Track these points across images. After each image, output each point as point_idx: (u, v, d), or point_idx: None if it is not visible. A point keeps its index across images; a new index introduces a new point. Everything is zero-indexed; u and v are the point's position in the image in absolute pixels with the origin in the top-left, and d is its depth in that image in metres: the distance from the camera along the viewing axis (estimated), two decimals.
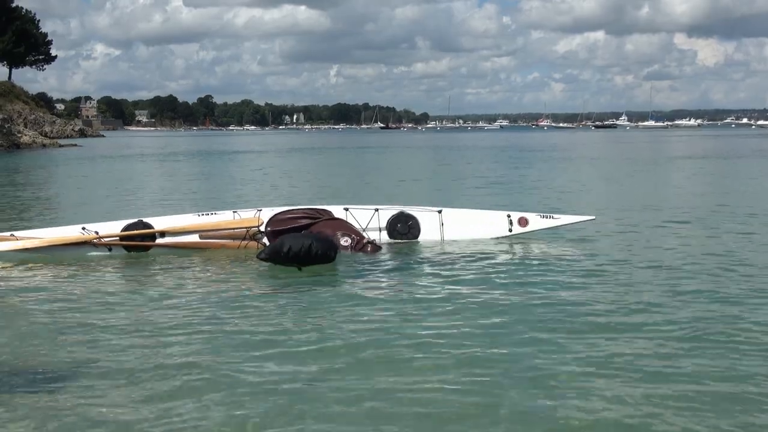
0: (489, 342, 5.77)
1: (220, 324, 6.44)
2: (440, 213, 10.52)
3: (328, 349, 5.68)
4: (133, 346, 5.84)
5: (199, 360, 5.45)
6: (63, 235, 9.96)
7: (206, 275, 8.69)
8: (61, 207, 17.51)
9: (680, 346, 5.64)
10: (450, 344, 5.74)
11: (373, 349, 5.65)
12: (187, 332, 6.21)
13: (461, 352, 5.53)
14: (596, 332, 6.01)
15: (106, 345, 5.87)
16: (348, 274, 8.57)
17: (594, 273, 8.30)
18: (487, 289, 7.59)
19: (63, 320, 6.69)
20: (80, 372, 5.23)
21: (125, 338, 6.06)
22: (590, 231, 10.91)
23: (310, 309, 7.00)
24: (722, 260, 9.00)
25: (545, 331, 6.06)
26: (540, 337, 5.88)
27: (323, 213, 10.24)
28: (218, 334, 6.12)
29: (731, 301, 7.01)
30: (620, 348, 5.60)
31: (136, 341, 5.97)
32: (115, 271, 9.07)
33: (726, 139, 76.73)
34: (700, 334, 5.93)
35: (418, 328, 6.20)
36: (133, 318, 6.73)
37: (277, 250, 8.75)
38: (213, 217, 10.26)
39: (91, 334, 6.20)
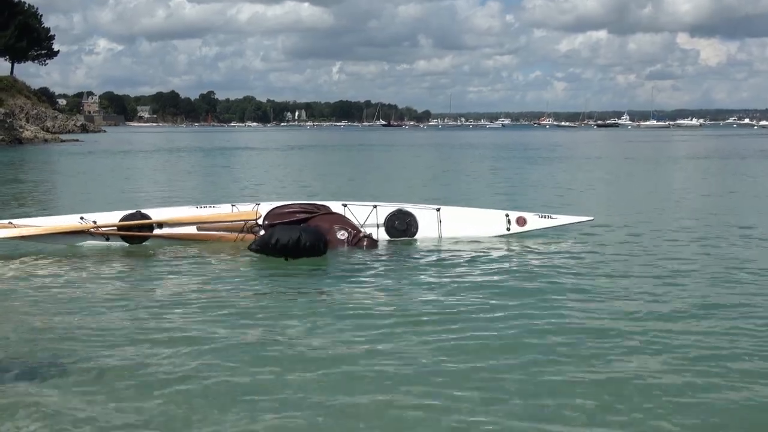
0: (483, 341, 5.76)
1: (215, 317, 6.47)
2: (438, 211, 10.53)
3: (322, 344, 5.70)
4: (127, 335, 5.90)
5: (194, 353, 5.47)
6: (61, 223, 10.00)
7: (202, 267, 8.73)
8: (59, 198, 17.70)
9: (678, 347, 5.61)
10: (444, 341, 5.74)
11: (366, 344, 5.67)
12: (181, 324, 6.24)
13: (455, 350, 5.53)
14: (592, 333, 5.99)
15: (99, 336, 5.91)
16: (344, 270, 8.60)
17: (591, 274, 8.28)
18: (483, 288, 7.59)
19: (58, 309, 6.75)
20: (75, 362, 5.26)
21: (119, 328, 6.11)
22: (589, 231, 10.91)
23: (303, 303, 7.02)
24: (722, 261, 9.00)
25: (540, 331, 6.05)
26: (535, 337, 5.88)
27: (321, 208, 10.28)
28: (213, 327, 6.14)
29: (732, 302, 6.99)
30: (617, 349, 5.57)
31: (130, 331, 6.03)
32: (112, 262, 9.11)
33: (727, 139, 76.61)
34: (701, 333, 5.93)
35: (412, 325, 6.20)
36: (127, 308, 6.79)
37: (266, 242, 8.89)
38: (211, 209, 10.31)
39: (85, 324, 6.25)
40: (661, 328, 6.10)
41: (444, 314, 6.57)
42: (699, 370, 5.10)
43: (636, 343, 5.72)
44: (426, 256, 9.40)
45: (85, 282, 8.09)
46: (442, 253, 9.54)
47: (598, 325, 6.22)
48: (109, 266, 8.96)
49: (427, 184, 22.41)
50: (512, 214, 10.57)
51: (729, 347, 5.62)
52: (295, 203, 10.49)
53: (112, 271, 8.74)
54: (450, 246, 9.91)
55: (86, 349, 5.63)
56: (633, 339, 5.81)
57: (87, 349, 5.62)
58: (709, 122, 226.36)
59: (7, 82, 79.92)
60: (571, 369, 5.13)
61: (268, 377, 4.99)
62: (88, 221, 9.99)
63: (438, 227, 10.45)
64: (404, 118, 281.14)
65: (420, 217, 10.45)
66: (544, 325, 6.20)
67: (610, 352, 5.49)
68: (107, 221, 10.04)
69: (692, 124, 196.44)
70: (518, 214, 10.55)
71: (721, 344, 5.71)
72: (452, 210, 10.66)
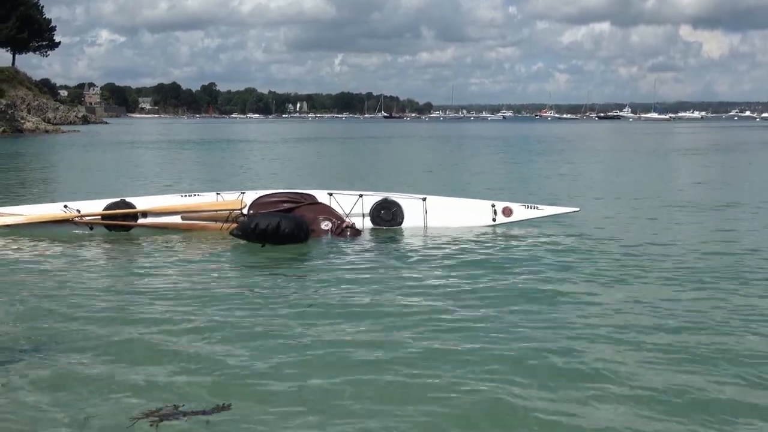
0: (464, 331, 5.77)
1: (197, 304, 6.55)
2: (424, 201, 10.55)
3: (304, 331, 5.76)
4: (108, 321, 6.00)
5: (176, 338, 5.58)
6: (45, 212, 10.06)
7: (186, 256, 8.79)
8: (51, 187, 17.74)
9: (663, 336, 5.66)
10: (424, 329, 5.80)
11: (348, 332, 5.75)
12: (163, 312, 6.32)
13: (435, 338, 5.58)
14: (575, 322, 6.04)
15: (83, 323, 5.98)
16: (325, 258, 8.70)
17: (576, 265, 8.26)
18: (466, 277, 7.62)
19: (41, 296, 6.80)
20: (57, 349, 5.34)
21: (101, 316, 6.19)
22: (575, 222, 10.90)
23: (287, 291, 7.11)
24: (713, 248, 9.18)
25: (523, 320, 6.07)
26: (518, 326, 5.90)
27: (307, 197, 10.33)
28: (194, 314, 6.24)
29: (723, 291, 7.05)
30: (602, 338, 5.62)
31: (112, 318, 6.11)
32: (93, 249, 9.17)
33: (728, 131, 76.61)
34: (687, 325, 5.94)
35: (392, 314, 6.24)
36: (110, 296, 6.88)
37: (246, 227, 9.10)
38: (196, 198, 10.33)
39: (68, 312, 6.30)
40: (647, 318, 6.13)
41: (424, 302, 6.62)
42: (678, 359, 5.14)
43: (619, 333, 5.72)
44: (410, 245, 9.46)
45: (67, 269, 8.11)
46: (427, 242, 9.61)
47: (580, 313, 6.27)
48: (90, 253, 9.01)
49: (425, 175, 22.37)
50: (498, 204, 10.58)
51: (723, 340, 5.60)
52: (280, 192, 10.53)
53: (93, 257, 8.79)
54: (435, 235, 9.95)
55: (65, 327, 5.78)
56: (616, 329, 5.83)
57: (66, 328, 5.77)
58: (711, 115, 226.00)
59: (8, 73, 79.89)
60: (554, 358, 5.17)
61: (248, 361, 5.07)
62: (72, 210, 10.03)
63: (424, 217, 10.49)
64: (406, 110, 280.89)
65: (406, 207, 10.48)
66: (526, 315, 6.22)
67: (592, 342, 5.53)
68: (91, 210, 10.08)
69: (693, 117, 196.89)
70: (504, 205, 10.56)
71: (699, 331, 5.77)
72: (438, 200, 10.68)
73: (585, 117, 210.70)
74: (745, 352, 5.31)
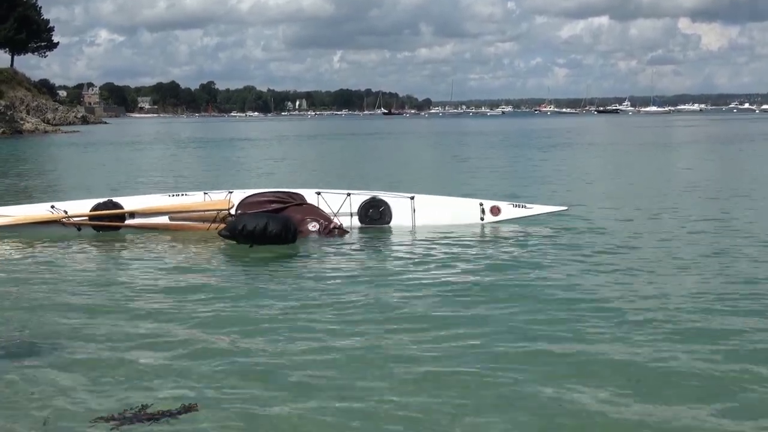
0: (451, 329, 5.81)
1: (178, 306, 6.60)
2: (412, 199, 10.55)
3: (293, 329, 5.81)
4: (97, 324, 6.02)
5: (166, 339, 5.63)
6: (32, 213, 10.04)
7: (172, 257, 8.82)
8: (44, 187, 17.77)
9: (652, 332, 5.68)
10: (413, 329, 5.83)
11: (336, 332, 5.77)
12: (151, 312, 6.36)
13: (424, 338, 5.61)
14: (559, 317, 6.10)
15: (70, 323, 6.03)
16: (315, 258, 8.80)
17: (562, 262, 8.26)
18: (453, 276, 7.68)
19: (28, 297, 6.84)
20: (43, 349, 5.36)
21: (89, 317, 6.23)
22: (562, 220, 10.82)
23: (276, 290, 7.15)
24: (703, 244, 9.25)
25: (509, 318, 6.12)
26: (503, 325, 5.94)
27: (294, 197, 10.34)
28: (183, 314, 6.30)
29: (716, 281, 7.19)
30: (588, 334, 5.66)
31: (100, 320, 6.15)
32: (82, 252, 9.15)
33: (726, 124, 76.63)
34: (677, 321, 5.96)
35: (380, 312, 6.29)
36: (97, 297, 6.92)
37: (234, 228, 9.15)
38: (184, 198, 10.30)
39: (55, 312, 6.36)
40: (637, 313, 6.20)
41: (411, 301, 6.65)
42: (680, 356, 5.17)
43: (611, 328, 5.79)
44: (398, 244, 9.50)
45: (52, 270, 8.12)
46: (415, 241, 9.65)
47: (564, 311, 6.32)
48: (77, 253, 9.03)
49: (421, 172, 22.34)
50: (486, 203, 10.59)
51: (710, 336, 5.63)
52: (268, 191, 10.52)
53: (80, 257, 8.80)
54: (423, 234, 9.97)
55: (52, 328, 5.86)
56: (608, 324, 5.88)
57: (53, 328, 5.85)
58: (711, 107, 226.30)
59: (7, 74, 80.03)
60: (540, 355, 5.23)
61: (223, 362, 5.08)
62: (59, 210, 10.00)
63: (412, 216, 10.50)
64: (405, 106, 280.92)
65: (394, 206, 10.49)
66: (512, 313, 6.27)
67: (579, 336, 5.59)
68: (78, 210, 10.05)
69: (692, 110, 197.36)
70: (492, 203, 10.57)
71: (683, 323, 5.87)
72: (426, 198, 10.68)
73: (585, 111, 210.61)
74: (754, 354, 5.30)
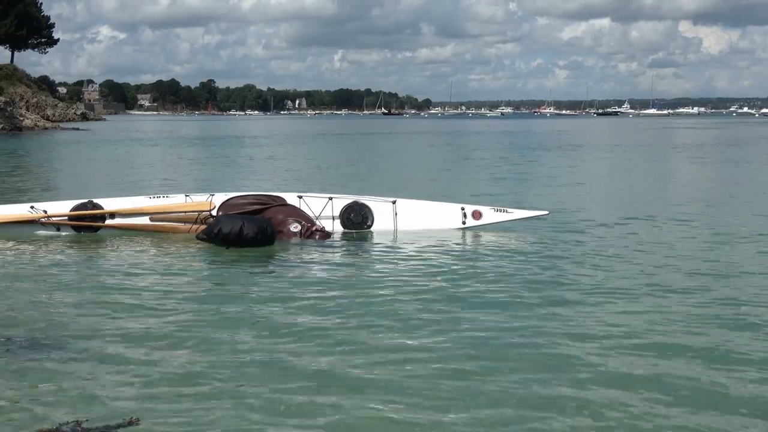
0: (433, 334, 5.86)
1: (164, 305, 6.65)
2: (394, 204, 10.64)
3: (273, 332, 5.84)
4: (59, 328, 5.99)
5: (143, 341, 5.65)
6: (11, 212, 10.02)
7: (151, 258, 8.83)
8: (27, 187, 17.61)
9: (636, 340, 5.72)
10: (392, 331, 5.90)
11: (315, 336, 5.79)
12: (129, 313, 6.40)
13: (405, 340, 5.68)
14: (539, 321, 6.19)
15: (34, 326, 6.01)
16: (297, 261, 8.79)
17: (540, 266, 8.32)
18: (434, 281, 7.72)
19: (7, 299, 6.83)
20: (24, 350, 5.39)
21: (68, 318, 6.25)
22: (542, 224, 10.88)
23: (253, 293, 7.17)
24: (659, 246, 9.42)
25: (488, 323, 6.18)
26: (483, 329, 6.00)
27: (276, 199, 10.39)
28: (162, 315, 6.35)
29: (694, 290, 7.23)
30: (568, 337, 5.73)
31: (80, 321, 6.17)
32: (61, 252, 9.12)
33: (723, 127, 76.71)
34: (655, 331, 5.97)
35: (362, 316, 6.33)
36: (77, 298, 6.94)
37: (210, 231, 9.24)
38: (165, 200, 10.33)
39: (33, 314, 6.37)
40: (619, 318, 6.27)
41: (392, 305, 6.69)
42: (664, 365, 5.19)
43: (592, 332, 5.87)
44: (379, 248, 9.55)
45: (34, 270, 8.12)
46: (396, 245, 9.69)
47: (545, 313, 6.42)
48: (58, 254, 8.99)
49: (423, 176, 22.38)
50: (468, 207, 10.68)
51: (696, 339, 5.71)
52: (249, 194, 10.59)
53: (61, 259, 8.75)
54: (405, 238, 10.04)
55: (34, 330, 5.88)
56: (588, 330, 5.94)
57: (34, 330, 5.87)
58: (711, 111, 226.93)
59: (7, 70, 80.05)
60: (521, 355, 5.34)
61: (177, 370, 5.05)
62: (38, 210, 9.98)
63: (394, 220, 10.58)
64: (405, 106, 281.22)
65: (376, 210, 10.56)
66: (493, 317, 6.34)
67: (558, 339, 5.67)
68: (58, 211, 10.05)
69: (691, 113, 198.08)
70: (474, 208, 10.67)
71: (666, 330, 5.92)
72: (408, 203, 10.78)
73: (584, 113, 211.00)
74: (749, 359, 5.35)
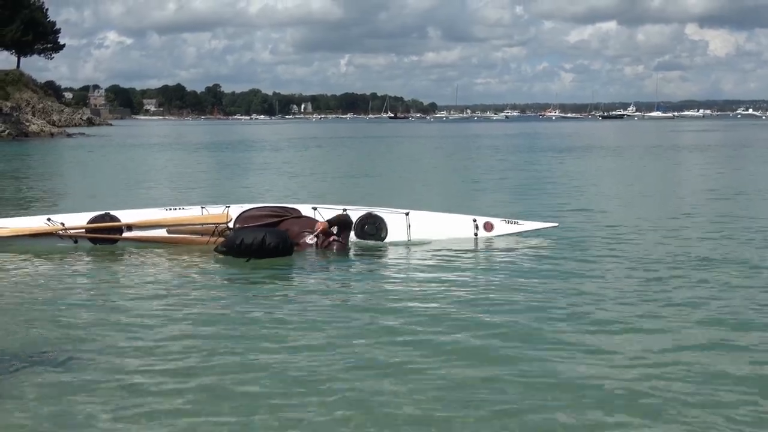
0: (449, 343, 5.96)
1: (182, 319, 6.68)
2: (407, 215, 10.76)
3: (293, 345, 5.91)
4: (94, 339, 6.07)
5: (161, 354, 5.68)
6: (28, 225, 10.08)
7: (168, 270, 8.86)
8: (39, 198, 17.67)
9: (644, 354, 5.71)
10: (407, 342, 5.99)
11: (334, 347, 5.88)
12: (148, 327, 6.43)
13: (421, 352, 5.74)
14: (550, 332, 6.24)
15: (67, 338, 6.07)
16: (313, 273, 8.88)
17: (556, 278, 8.39)
18: (448, 291, 7.81)
19: (25, 312, 6.88)
20: (41, 364, 5.41)
21: (86, 331, 6.29)
22: (552, 235, 10.86)
23: (273, 304, 7.25)
24: (694, 257, 9.38)
25: (502, 333, 6.23)
26: (497, 339, 6.08)
27: (291, 211, 10.49)
28: (181, 329, 6.37)
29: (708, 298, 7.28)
30: (582, 354, 5.73)
31: (97, 333, 6.22)
32: (79, 262, 9.20)
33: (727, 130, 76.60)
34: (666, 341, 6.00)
35: (378, 327, 6.43)
36: (94, 311, 6.97)
37: (231, 243, 9.25)
38: (181, 212, 10.38)
39: (52, 327, 6.42)
40: (626, 333, 6.26)
41: (410, 316, 6.78)
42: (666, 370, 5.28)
43: (604, 345, 5.89)
44: (394, 259, 9.68)
45: (52, 282, 8.15)
46: (410, 256, 9.81)
47: (557, 327, 6.43)
48: (76, 267, 9.04)
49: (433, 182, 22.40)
50: (480, 219, 10.79)
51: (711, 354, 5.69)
52: (265, 206, 10.70)
53: (79, 271, 8.81)
54: (418, 250, 10.14)
55: (50, 342, 5.92)
56: (600, 341, 5.99)
57: (50, 343, 5.91)
58: (716, 113, 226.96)
59: (13, 75, 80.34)
60: (532, 369, 5.36)
61: (234, 377, 5.17)
62: (55, 223, 10.04)
63: (407, 231, 10.71)
64: (410, 110, 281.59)
65: (389, 221, 10.68)
66: (506, 328, 6.39)
67: (570, 353, 5.70)
68: (75, 223, 10.09)
69: (696, 115, 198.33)
70: (485, 220, 10.79)
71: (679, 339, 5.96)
72: (421, 214, 10.89)
73: (590, 116, 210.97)
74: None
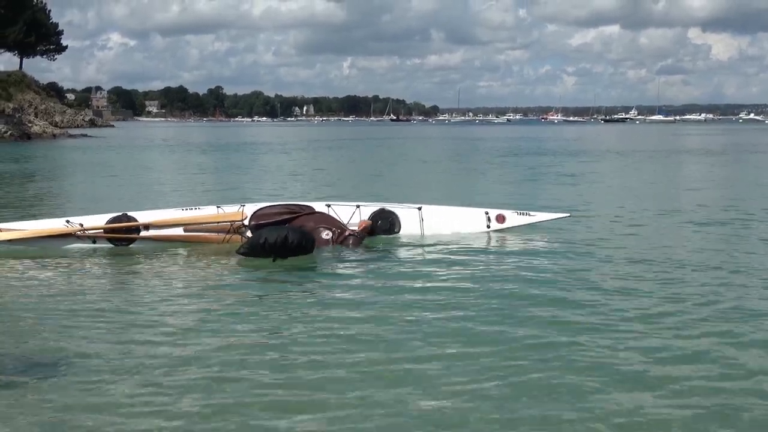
0: (466, 334, 6.04)
1: (202, 318, 6.68)
2: (420, 210, 10.85)
3: (311, 343, 5.91)
4: (117, 340, 6.04)
5: (182, 354, 5.66)
6: (47, 227, 10.12)
7: (189, 269, 8.92)
8: (51, 199, 17.67)
9: (653, 343, 5.80)
10: (425, 336, 6.01)
11: (353, 341, 5.92)
12: (169, 326, 6.42)
13: (441, 343, 5.81)
14: (566, 324, 6.31)
15: (88, 338, 6.08)
16: (330, 269, 8.95)
17: (566, 268, 8.55)
18: (464, 283, 7.90)
19: (45, 313, 6.89)
20: (61, 365, 5.41)
21: (107, 331, 6.29)
22: (565, 227, 11.18)
23: (292, 303, 7.22)
24: (704, 249, 9.61)
25: (520, 324, 6.32)
26: (515, 328, 6.18)
27: (305, 208, 10.55)
28: (200, 329, 6.34)
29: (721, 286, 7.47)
30: (595, 343, 5.80)
31: (118, 335, 6.20)
32: (99, 265, 9.22)
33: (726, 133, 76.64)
34: (676, 332, 6.09)
35: (396, 321, 6.47)
36: (115, 311, 6.97)
37: (254, 243, 9.17)
38: (197, 211, 10.43)
39: (73, 327, 6.41)
40: (641, 324, 6.33)
41: (428, 308, 6.90)
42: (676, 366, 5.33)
43: (615, 338, 5.93)
44: (409, 253, 9.75)
45: (72, 284, 8.21)
46: (425, 250, 9.86)
47: (571, 317, 6.53)
48: (96, 268, 9.07)
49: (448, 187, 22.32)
50: (492, 211, 10.89)
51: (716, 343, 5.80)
52: (279, 204, 10.76)
53: (99, 273, 8.85)
54: (432, 243, 10.20)
55: (70, 343, 5.88)
56: (613, 333, 6.04)
57: (70, 343, 5.86)
58: (719, 117, 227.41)
59: (16, 77, 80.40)
60: (549, 362, 5.39)
61: (259, 377, 5.18)
62: (74, 224, 10.08)
63: (420, 225, 10.79)
64: (412, 113, 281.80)
65: (402, 216, 10.78)
66: (522, 318, 6.50)
67: (588, 345, 5.73)
68: (93, 224, 10.15)
69: (697, 119, 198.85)
70: (497, 212, 10.88)
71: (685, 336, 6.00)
72: (433, 209, 10.97)
73: (592, 120, 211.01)
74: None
